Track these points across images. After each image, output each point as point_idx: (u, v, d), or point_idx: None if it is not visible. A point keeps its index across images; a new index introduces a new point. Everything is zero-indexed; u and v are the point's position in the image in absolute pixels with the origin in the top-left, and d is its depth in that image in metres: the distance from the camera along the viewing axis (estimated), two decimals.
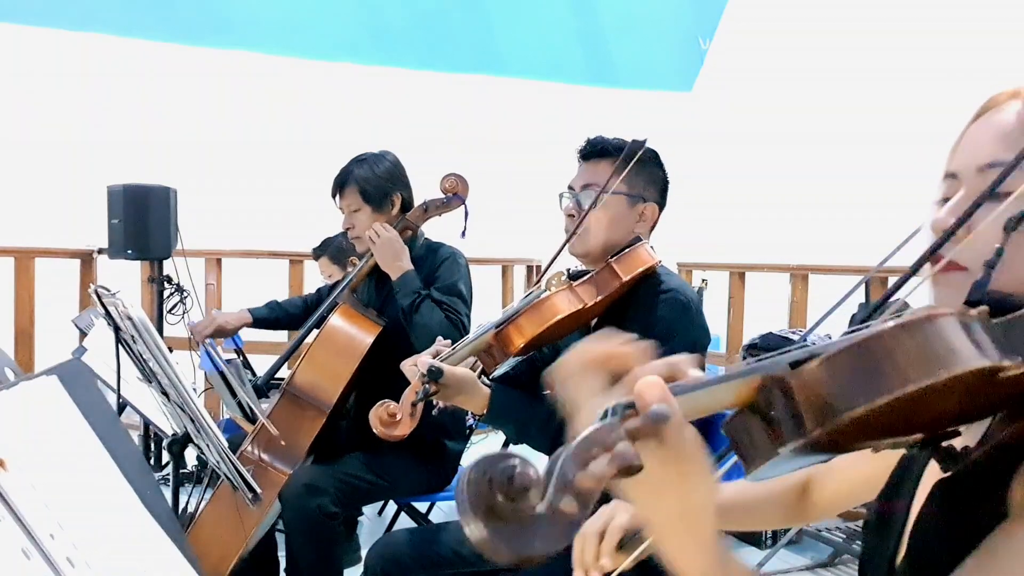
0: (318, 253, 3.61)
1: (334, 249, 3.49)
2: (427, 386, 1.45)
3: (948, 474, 0.65)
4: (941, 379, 0.52)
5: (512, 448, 2.21)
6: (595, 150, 1.69)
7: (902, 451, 0.68)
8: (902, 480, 0.80)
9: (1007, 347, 0.55)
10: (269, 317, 2.80)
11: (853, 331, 0.60)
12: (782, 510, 1.09)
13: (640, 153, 1.61)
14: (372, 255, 2.37)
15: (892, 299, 0.71)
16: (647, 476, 0.55)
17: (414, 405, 1.48)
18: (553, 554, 0.46)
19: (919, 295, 0.74)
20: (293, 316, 2.75)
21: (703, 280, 4.78)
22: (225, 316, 2.71)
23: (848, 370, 0.54)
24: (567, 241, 1.66)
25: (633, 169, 1.62)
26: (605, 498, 0.53)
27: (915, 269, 0.69)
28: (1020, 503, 0.62)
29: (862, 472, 0.94)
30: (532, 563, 0.47)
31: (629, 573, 1.00)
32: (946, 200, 0.74)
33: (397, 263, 2.29)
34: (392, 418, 1.51)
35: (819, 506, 1.08)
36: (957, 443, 0.62)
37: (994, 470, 0.64)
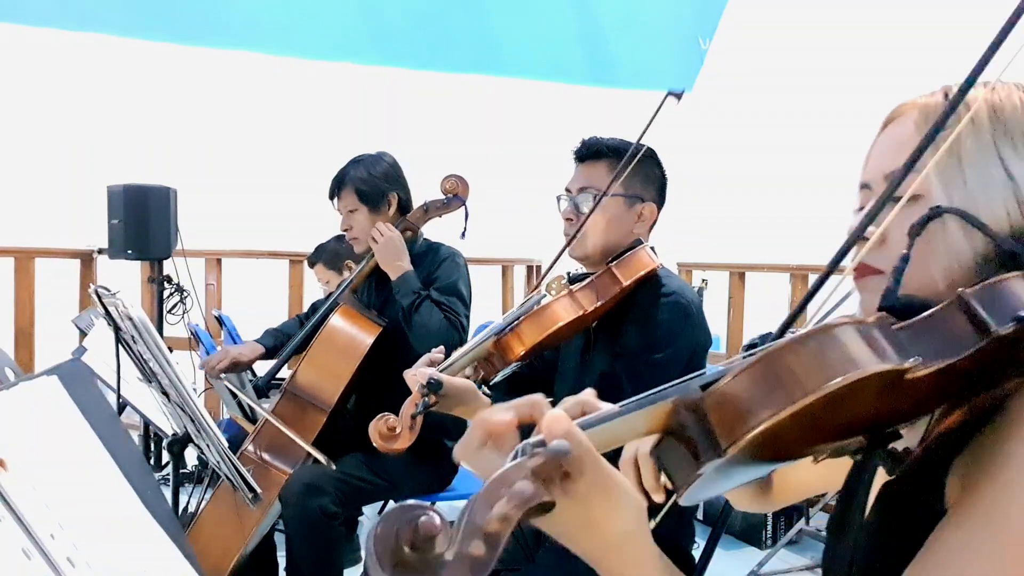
0: (313, 260, 3.60)
1: (328, 255, 3.49)
2: (427, 398, 1.45)
3: (892, 478, 0.66)
4: (839, 386, 0.53)
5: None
6: (591, 151, 1.68)
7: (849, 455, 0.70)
8: (856, 485, 0.81)
9: (908, 350, 0.56)
10: (276, 344, 2.81)
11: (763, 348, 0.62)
12: (747, 494, 1.09)
13: (637, 153, 1.61)
14: (372, 256, 2.38)
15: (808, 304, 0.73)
16: (568, 512, 0.56)
17: (413, 418, 1.48)
18: None
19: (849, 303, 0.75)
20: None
21: (703, 280, 4.78)
22: (239, 349, 2.73)
23: (753, 386, 0.56)
24: (567, 246, 1.66)
25: (630, 169, 1.61)
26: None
27: (827, 274, 0.71)
28: (955, 499, 0.63)
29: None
30: None
31: None
32: (862, 209, 0.78)
33: (397, 262, 2.30)
34: (392, 432, 1.50)
35: (782, 492, 1.08)
36: (900, 445, 0.63)
37: (929, 469, 0.65)
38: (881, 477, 0.76)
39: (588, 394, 0.67)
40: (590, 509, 0.57)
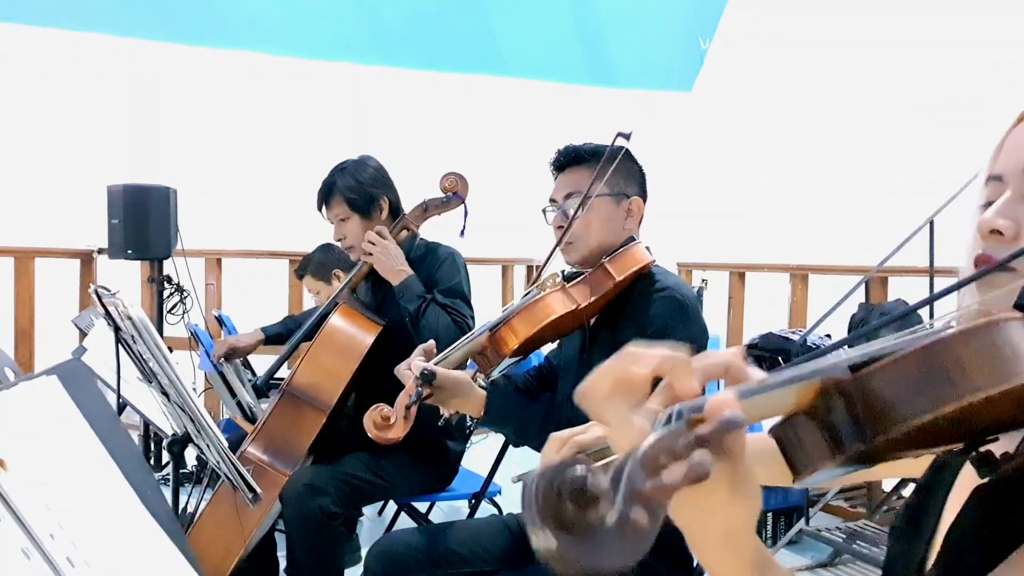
0: (300, 273, 3.59)
1: (315, 266, 3.48)
2: (420, 389, 1.46)
3: (986, 480, 0.63)
4: (1012, 385, 0.50)
5: (512, 449, 2.20)
6: (569, 158, 1.69)
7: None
8: (934, 484, 0.78)
9: None
10: (283, 332, 2.80)
11: (908, 334, 0.59)
12: (777, 471, 1.06)
13: (612, 152, 1.63)
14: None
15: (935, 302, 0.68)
16: (697, 492, 0.52)
17: (408, 408, 1.49)
18: (624, 569, 0.44)
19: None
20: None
21: (703, 280, 4.78)
22: (237, 337, 2.73)
23: (913, 376, 0.52)
24: (556, 246, 1.66)
25: (611, 169, 1.63)
26: None
27: (976, 277, 0.66)
28: None
29: None
30: None
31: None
32: (989, 204, 0.72)
33: (397, 268, 2.28)
34: (386, 421, 1.52)
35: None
36: (996, 448, 0.61)
37: None
38: (965, 478, 0.73)
39: (735, 355, 0.61)
40: (725, 492, 0.54)
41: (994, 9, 4.92)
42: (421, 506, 2.69)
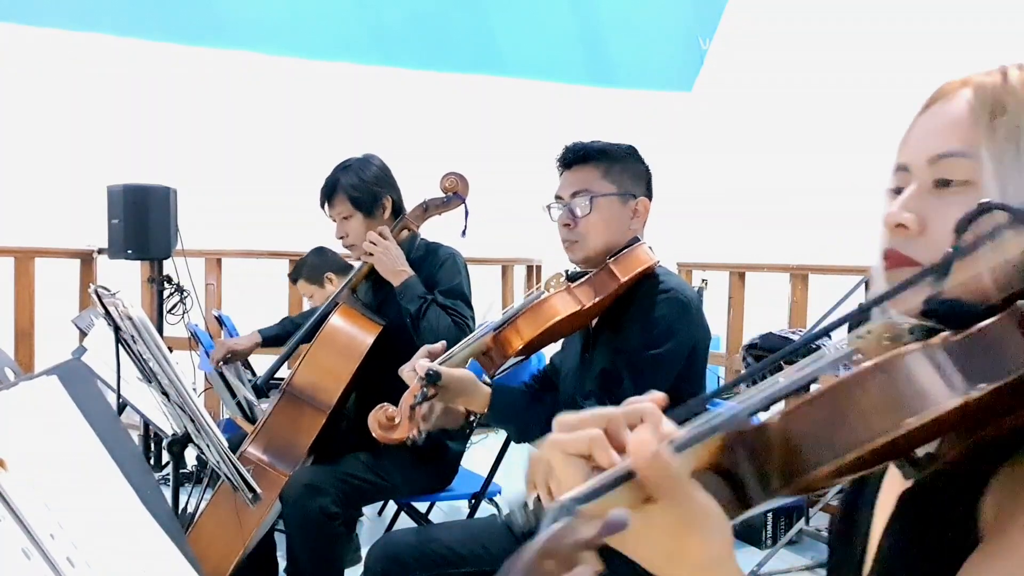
0: (294, 277, 3.58)
1: (309, 269, 3.47)
2: (425, 389, 1.46)
3: (911, 483, 0.62)
4: (913, 427, 0.49)
5: (512, 450, 2.20)
6: (578, 156, 1.69)
7: None
8: (862, 486, 0.78)
9: (971, 374, 0.51)
10: (280, 333, 2.80)
11: (809, 367, 0.57)
12: None
13: (619, 151, 1.65)
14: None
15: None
16: (650, 542, 0.52)
17: (412, 408, 1.49)
18: None
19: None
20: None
21: (703, 280, 4.78)
22: (235, 340, 2.73)
23: (814, 424, 0.51)
24: (564, 244, 1.67)
25: (617, 168, 1.65)
26: None
27: (875, 304, 0.63)
28: (991, 523, 0.59)
29: None
30: None
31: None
32: (898, 191, 0.71)
33: (398, 269, 2.28)
34: (391, 422, 1.52)
35: None
36: (919, 450, 0.60)
37: (961, 482, 0.61)
38: (891, 479, 0.73)
39: (645, 409, 0.59)
40: (674, 539, 0.53)
41: (993, 9, 4.92)
42: (421, 506, 2.69)
